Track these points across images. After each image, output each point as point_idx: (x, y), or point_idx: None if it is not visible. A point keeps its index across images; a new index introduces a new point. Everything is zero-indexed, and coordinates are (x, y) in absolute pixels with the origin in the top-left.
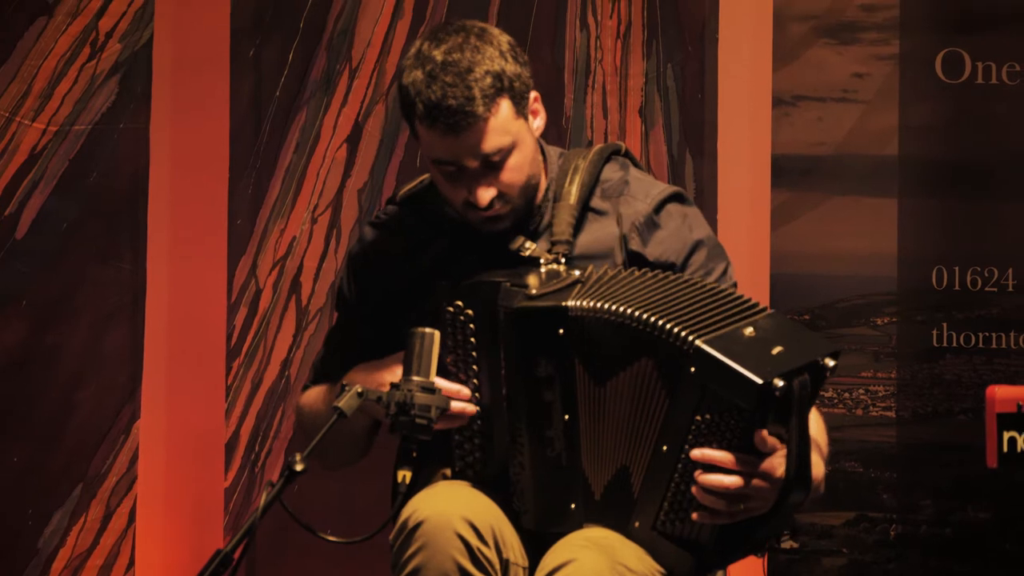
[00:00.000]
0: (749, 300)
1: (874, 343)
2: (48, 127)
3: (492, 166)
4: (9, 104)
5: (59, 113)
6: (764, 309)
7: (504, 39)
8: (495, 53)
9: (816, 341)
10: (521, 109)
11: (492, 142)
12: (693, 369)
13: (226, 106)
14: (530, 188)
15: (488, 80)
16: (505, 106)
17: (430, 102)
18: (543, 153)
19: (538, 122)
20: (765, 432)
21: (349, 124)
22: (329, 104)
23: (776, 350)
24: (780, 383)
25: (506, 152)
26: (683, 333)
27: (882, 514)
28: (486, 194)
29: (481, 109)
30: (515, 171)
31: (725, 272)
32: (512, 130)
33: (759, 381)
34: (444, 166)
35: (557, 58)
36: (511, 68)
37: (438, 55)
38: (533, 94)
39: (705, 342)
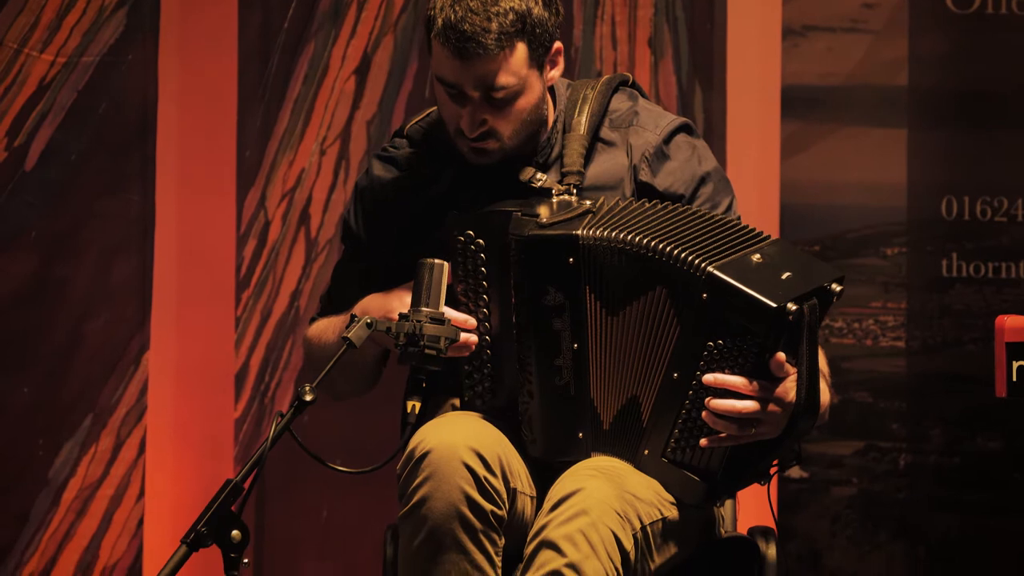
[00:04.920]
0: (753, 229)
1: (883, 273)
2: (56, 59)
3: (492, 101)
4: (17, 36)
5: (67, 45)
6: (768, 237)
7: None
8: None
9: (821, 267)
10: (537, 56)
11: (497, 79)
12: (705, 296)
13: (234, 38)
14: (525, 134)
15: (510, 17)
16: (520, 49)
17: (448, 21)
18: (551, 88)
19: (554, 72)
20: (779, 356)
21: (358, 56)
22: (337, 36)
23: (785, 275)
24: (793, 307)
25: (511, 93)
26: (695, 260)
27: (891, 444)
28: (476, 125)
29: (493, 44)
30: (515, 115)
31: (730, 206)
32: (522, 74)
33: (773, 305)
34: (447, 87)
35: None
36: (538, 13)
37: None
38: (556, 45)
39: (717, 268)
